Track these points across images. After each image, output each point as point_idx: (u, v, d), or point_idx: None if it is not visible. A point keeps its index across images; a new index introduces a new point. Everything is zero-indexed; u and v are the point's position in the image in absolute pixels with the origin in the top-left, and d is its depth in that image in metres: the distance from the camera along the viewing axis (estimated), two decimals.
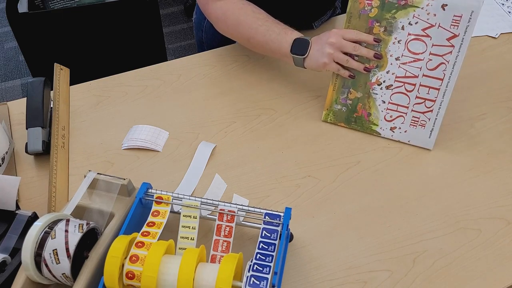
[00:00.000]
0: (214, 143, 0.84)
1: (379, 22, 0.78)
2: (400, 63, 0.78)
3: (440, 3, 0.73)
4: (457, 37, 0.74)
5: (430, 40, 0.75)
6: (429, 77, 0.77)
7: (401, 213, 0.74)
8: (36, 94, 0.82)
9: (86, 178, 0.66)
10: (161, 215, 0.63)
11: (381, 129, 0.80)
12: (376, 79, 0.81)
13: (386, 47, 0.78)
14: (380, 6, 0.77)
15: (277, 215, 0.63)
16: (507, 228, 0.72)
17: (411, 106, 0.79)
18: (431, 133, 0.78)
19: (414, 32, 0.76)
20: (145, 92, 0.94)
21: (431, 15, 0.74)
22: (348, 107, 0.83)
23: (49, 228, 0.58)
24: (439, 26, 0.74)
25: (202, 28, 1.13)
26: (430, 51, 0.76)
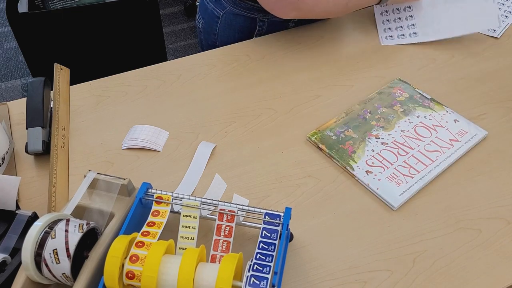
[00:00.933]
0: (214, 143, 0.84)
1: (401, 105, 0.90)
2: (404, 134, 0.85)
3: (453, 118, 0.87)
4: (458, 142, 0.83)
5: (436, 133, 0.85)
6: (422, 154, 0.81)
7: (401, 213, 0.74)
8: (36, 94, 0.82)
9: (86, 178, 0.66)
10: (161, 215, 0.63)
11: (358, 167, 0.79)
12: (376, 134, 0.85)
13: (398, 121, 0.87)
14: (408, 98, 0.91)
15: (277, 215, 0.63)
16: (507, 228, 0.72)
17: (395, 165, 0.80)
18: (403, 194, 0.76)
19: (425, 123, 0.87)
20: (145, 92, 0.94)
21: (444, 121, 0.87)
22: (338, 138, 0.84)
23: (49, 228, 0.58)
24: (447, 130, 0.86)
25: (214, 32, 1.13)
26: (432, 139, 0.84)
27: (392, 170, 0.79)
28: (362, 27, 1.10)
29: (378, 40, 1.06)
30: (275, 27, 1.08)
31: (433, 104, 0.90)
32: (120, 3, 1.20)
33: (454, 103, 0.91)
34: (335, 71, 0.99)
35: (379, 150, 0.82)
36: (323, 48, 1.04)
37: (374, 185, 0.77)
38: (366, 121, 0.87)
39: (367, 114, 0.88)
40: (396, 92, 0.92)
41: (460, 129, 0.85)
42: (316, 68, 0.99)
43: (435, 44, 1.05)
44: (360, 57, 1.02)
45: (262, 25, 1.07)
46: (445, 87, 0.95)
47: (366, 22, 1.11)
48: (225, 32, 1.10)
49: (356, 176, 0.79)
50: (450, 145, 0.83)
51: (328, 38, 1.06)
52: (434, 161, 0.80)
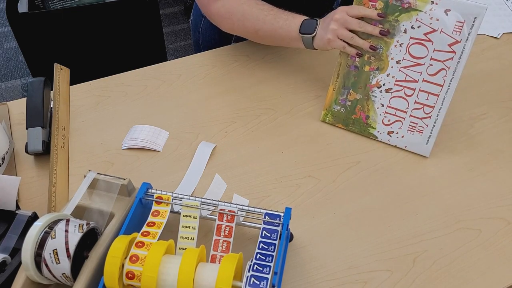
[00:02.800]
0: (214, 143, 0.84)
1: (382, 24, 0.77)
2: (401, 66, 0.78)
3: (443, 8, 0.73)
4: (459, 43, 0.73)
5: (431, 45, 0.75)
6: (429, 83, 0.76)
7: (401, 213, 0.74)
8: (36, 94, 0.82)
9: (86, 178, 0.66)
10: (161, 215, 0.63)
11: (379, 132, 0.80)
12: (376, 82, 0.80)
13: (388, 49, 0.78)
14: (383, 8, 0.76)
15: (277, 215, 0.63)
16: (507, 228, 0.72)
17: (409, 111, 0.78)
18: (428, 140, 0.76)
19: (416, 36, 0.76)
20: (145, 92, 0.94)
21: (434, 20, 0.74)
22: (347, 108, 0.82)
23: (49, 228, 0.58)
24: (442, 31, 0.74)
25: (198, 30, 1.13)
26: (431, 56, 0.75)
27: (409, 119, 0.79)
28: None
29: None
30: None
31: (415, 1, 0.75)
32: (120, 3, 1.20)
33: (454, 103, 0.91)
34: None
35: (387, 101, 0.80)
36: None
37: (401, 144, 0.80)
38: (360, 70, 0.81)
39: (355, 60, 0.81)
40: (368, 6, 0.77)
41: (455, 21, 0.73)
42: (316, 68, 0.99)
43: None
44: None
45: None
46: None
47: None
48: (207, 31, 1.10)
49: (382, 141, 0.82)
50: (452, 52, 0.74)
51: None
52: (442, 85, 0.75)
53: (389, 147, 0.83)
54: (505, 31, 1.07)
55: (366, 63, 0.80)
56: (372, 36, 0.78)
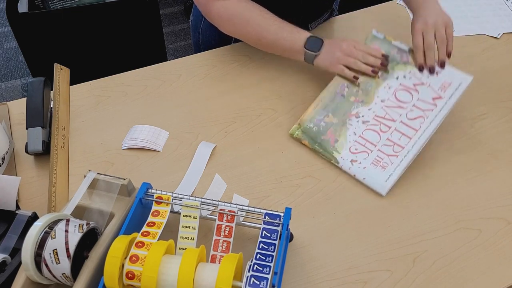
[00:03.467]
0: (214, 143, 0.84)
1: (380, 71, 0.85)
2: (384, 105, 0.82)
3: (435, 69, 0.82)
4: (442, 99, 0.79)
5: (417, 94, 0.81)
6: (405, 125, 0.80)
7: (401, 213, 0.74)
8: (36, 94, 0.82)
9: (86, 178, 0.66)
10: (161, 215, 0.63)
11: (342, 158, 0.79)
12: (356, 112, 0.83)
13: (377, 89, 0.83)
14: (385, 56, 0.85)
15: (277, 215, 0.63)
16: (507, 228, 0.72)
17: (379, 145, 0.79)
18: (389, 177, 0.75)
19: (406, 84, 0.82)
20: (145, 92, 0.94)
21: (425, 76, 0.82)
22: (319, 128, 0.83)
23: (49, 228, 0.58)
24: (429, 86, 0.81)
25: (198, 30, 1.13)
26: (414, 103, 0.80)
27: (376, 152, 0.78)
28: (360, 27, 1.09)
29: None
30: None
31: (411, 57, 0.84)
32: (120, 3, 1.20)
33: None
34: None
35: (361, 131, 0.81)
36: None
37: (360, 174, 0.77)
38: (345, 98, 0.84)
39: (344, 90, 0.85)
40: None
41: (443, 81, 0.80)
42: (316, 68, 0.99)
43: None
44: None
45: None
46: None
47: (364, 23, 1.11)
48: (207, 32, 1.09)
49: (342, 168, 0.79)
50: (433, 105, 0.79)
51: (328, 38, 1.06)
52: (417, 130, 0.78)
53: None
54: (505, 31, 1.07)
55: (353, 94, 0.84)
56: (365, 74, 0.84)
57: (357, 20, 1.11)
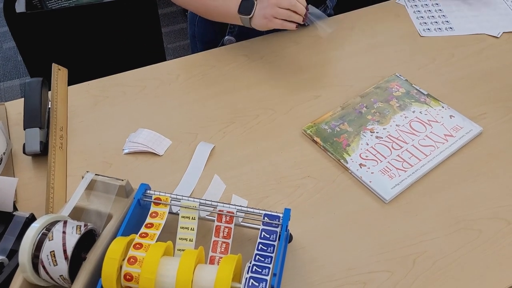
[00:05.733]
0: (213, 144, 0.83)
1: (398, 100, 0.90)
2: (399, 129, 0.85)
3: (449, 114, 0.87)
4: (453, 137, 0.83)
5: (430, 128, 0.85)
6: (416, 149, 0.82)
7: (401, 214, 0.74)
8: (33, 94, 0.81)
9: (84, 179, 0.66)
10: (159, 216, 0.63)
11: (352, 160, 0.79)
12: (371, 128, 0.85)
13: (393, 115, 0.87)
14: (404, 93, 0.91)
15: (276, 216, 0.62)
16: (508, 228, 0.72)
17: (389, 158, 0.80)
18: (395, 186, 0.76)
19: (421, 118, 0.87)
20: (144, 92, 0.93)
21: (439, 117, 0.87)
22: (333, 131, 0.84)
23: (47, 229, 0.57)
24: (442, 125, 0.86)
25: (194, 23, 1.14)
26: (427, 134, 0.84)
27: (386, 163, 0.79)
28: (359, 26, 1.09)
29: (376, 39, 1.05)
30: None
31: (430, 100, 0.90)
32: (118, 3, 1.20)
33: (454, 103, 0.90)
34: (335, 70, 0.98)
35: (373, 143, 0.82)
36: (322, 48, 1.03)
37: (366, 178, 0.77)
38: (362, 115, 0.87)
39: (363, 109, 0.88)
40: (393, 87, 0.93)
41: (455, 125, 0.85)
42: (314, 68, 0.98)
43: (435, 43, 1.04)
44: (359, 56, 1.01)
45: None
46: (445, 86, 0.94)
47: (362, 22, 1.10)
48: (202, 23, 1.11)
49: (349, 169, 0.79)
50: (444, 140, 0.83)
51: (327, 37, 1.06)
52: (427, 156, 0.80)
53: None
54: (505, 30, 1.07)
55: (370, 114, 0.87)
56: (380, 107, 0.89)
57: (356, 20, 1.11)
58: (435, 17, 1.11)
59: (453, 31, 1.07)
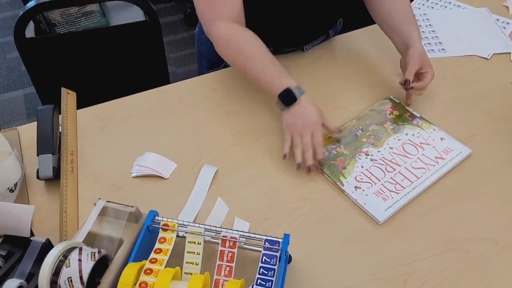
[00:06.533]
0: (216, 166, 0.88)
1: (391, 123, 0.94)
2: (392, 151, 0.90)
3: (440, 136, 0.92)
4: (443, 160, 0.88)
5: (422, 150, 0.90)
6: (409, 171, 0.86)
7: (394, 235, 0.78)
8: (45, 121, 0.86)
9: (96, 206, 0.70)
10: (167, 242, 0.67)
11: (347, 183, 0.84)
12: (366, 151, 0.90)
13: (387, 138, 0.92)
14: (398, 116, 0.96)
15: (276, 241, 0.67)
16: (495, 248, 0.76)
17: (383, 181, 0.85)
18: (388, 208, 0.80)
19: (413, 141, 0.91)
20: (150, 115, 0.97)
21: (431, 139, 0.91)
22: (330, 154, 0.89)
23: (64, 256, 0.62)
24: (433, 147, 0.90)
25: (201, 41, 1.17)
26: (418, 157, 0.89)
27: (379, 186, 0.84)
28: (354, 48, 1.13)
29: (371, 61, 1.10)
30: None
31: (422, 122, 0.94)
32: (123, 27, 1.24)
33: (445, 124, 0.95)
34: (331, 92, 1.02)
35: (368, 166, 0.87)
36: (321, 70, 1.08)
37: (361, 200, 0.82)
38: (357, 138, 0.92)
39: (358, 131, 0.93)
40: (387, 110, 0.97)
41: (445, 147, 0.90)
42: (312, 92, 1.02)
43: None
44: (354, 79, 1.06)
45: None
46: (437, 108, 0.99)
47: (358, 44, 1.15)
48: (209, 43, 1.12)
49: (345, 191, 0.83)
50: (435, 162, 0.87)
51: (326, 59, 1.10)
52: (419, 178, 0.85)
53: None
54: (495, 52, 1.11)
55: (365, 137, 0.91)
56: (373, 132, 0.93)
57: (354, 41, 1.15)
58: (428, 38, 1.15)
59: (445, 53, 1.11)
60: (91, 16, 1.28)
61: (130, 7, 1.32)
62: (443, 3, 1.25)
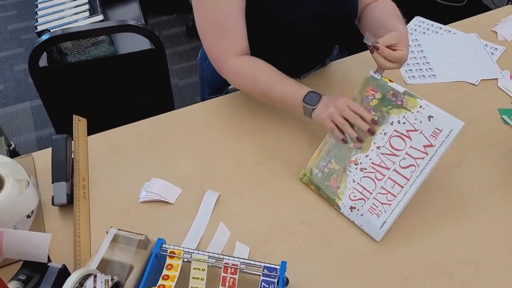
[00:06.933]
0: (218, 192, 0.93)
1: (375, 112, 0.89)
2: (380, 152, 0.88)
3: (428, 114, 0.85)
4: (433, 147, 0.84)
5: (410, 141, 0.86)
6: (398, 173, 0.86)
7: (386, 258, 0.84)
8: (60, 150, 0.92)
9: (108, 234, 0.76)
10: (174, 269, 0.73)
11: (343, 205, 0.89)
12: (355, 159, 0.90)
13: (373, 136, 0.89)
14: (380, 99, 0.89)
15: (274, 268, 0.73)
16: (477, 272, 0.82)
17: (374, 193, 0.87)
18: (383, 225, 0.84)
19: (400, 130, 0.87)
20: (157, 142, 1.03)
21: (418, 121, 0.85)
22: (324, 174, 0.93)
23: (80, 284, 0.68)
24: (421, 133, 0.85)
25: (203, 68, 1.23)
26: (407, 151, 0.86)
27: (372, 200, 0.87)
28: (348, 76, 1.19)
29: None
30: None
31: (407, 100, 0.87)
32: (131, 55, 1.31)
33: None
34: None
35: (359, 178, 0.89)
36: None
37: (358, 221, 0.88)
38: (345, 144, 0.91)
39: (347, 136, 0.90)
40: (369, 94, 0.91)
41: (434, 128, 0.84)
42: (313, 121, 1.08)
43: (419, 91, 1.14)
44: None
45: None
46: None
47: (351, 72, 1.20)
48: (210, 70, 1.17)
49: (343, 214, 0.90)
50: (424, 153, 0.84)
51: (323, 85, 1.16)
52: (409, 180, 0.85)
53: None
54: (483, 78, 1.17)
55: (352, 141, 0.90)
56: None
57: (348, 67, 1.21)
58: (419, 64, 1.21)
59: (436, 78, 1.17)
60: (100, 46, 1.34)
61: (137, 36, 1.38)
62: (435, 29, 1.31)
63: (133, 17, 1.70)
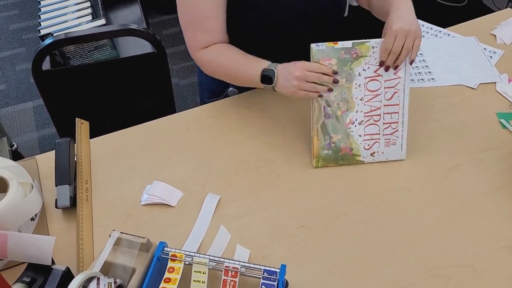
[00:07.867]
0: (219, 195, 0.95)
1: (340, 74, 0.94)
2: (364, 101, 0.96)
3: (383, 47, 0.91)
4: (400, 68, 0.94)
5: (382, 78, 0.95)
6: (388, 105, 0.96)
7: (383, 261, 0.85)
8: (63, 153, 0.93)
9: (110, 237, 0.78)
10: (175, 272, 0.75)
11: (363, 157, 0.99)
12: (350, 120, 0.97)
13: (351, 92, 0.95)
14: (338, 63, 0.93)
15: (273, 271, 0.74)
16: (474, 275, 0.83)
17: (381, 132, 0.97)
18: (402, 146, 0.98)
19: (369, 75, 0.94)
20: (158, 145, 1.05)
21: (378, 59, 0.93)
22: (333, 149, 0.99)
23: (83, 286, 0.69)
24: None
25: (202, 72, 1.24)
26: (384, 86, 0.95)
27: (383, 137, 0.98)
28: None
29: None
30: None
31: (359, 49, 0.91)
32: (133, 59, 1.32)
33: (431, 154, 1.01)
34: None
35: (362, 131, 0.98)
36: None
37: (383, 158, 1.00)
38: (334, 117, 0.96)
39: (328, 110, 0.96)
40: (325, 65, 0.92)
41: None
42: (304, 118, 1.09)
43: (418, 95, 1.15)
44: None
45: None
46: (425, 138, 1.06)
47: None
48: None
49: (369, 162, 0.99)
50: (397, 78, 0.94)
51: None
52: (399, 104, 0.96)
53: (373, 198, 0.94)
54: (481, 82, 1.18)
55: (337, 109, 0.96)
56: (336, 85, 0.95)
57: None
58: (419, 68, 1.22)
59: (435, 82, 1.18)
60: (102, 49, 1.36)
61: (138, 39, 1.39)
62: (434, 32, 1.32)
63: (134, 20, 1.72)
